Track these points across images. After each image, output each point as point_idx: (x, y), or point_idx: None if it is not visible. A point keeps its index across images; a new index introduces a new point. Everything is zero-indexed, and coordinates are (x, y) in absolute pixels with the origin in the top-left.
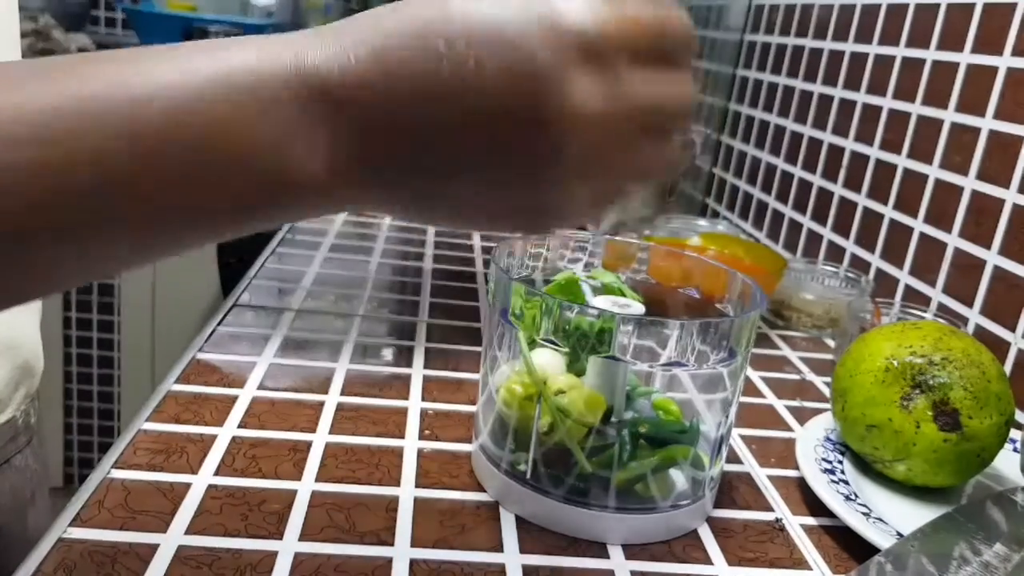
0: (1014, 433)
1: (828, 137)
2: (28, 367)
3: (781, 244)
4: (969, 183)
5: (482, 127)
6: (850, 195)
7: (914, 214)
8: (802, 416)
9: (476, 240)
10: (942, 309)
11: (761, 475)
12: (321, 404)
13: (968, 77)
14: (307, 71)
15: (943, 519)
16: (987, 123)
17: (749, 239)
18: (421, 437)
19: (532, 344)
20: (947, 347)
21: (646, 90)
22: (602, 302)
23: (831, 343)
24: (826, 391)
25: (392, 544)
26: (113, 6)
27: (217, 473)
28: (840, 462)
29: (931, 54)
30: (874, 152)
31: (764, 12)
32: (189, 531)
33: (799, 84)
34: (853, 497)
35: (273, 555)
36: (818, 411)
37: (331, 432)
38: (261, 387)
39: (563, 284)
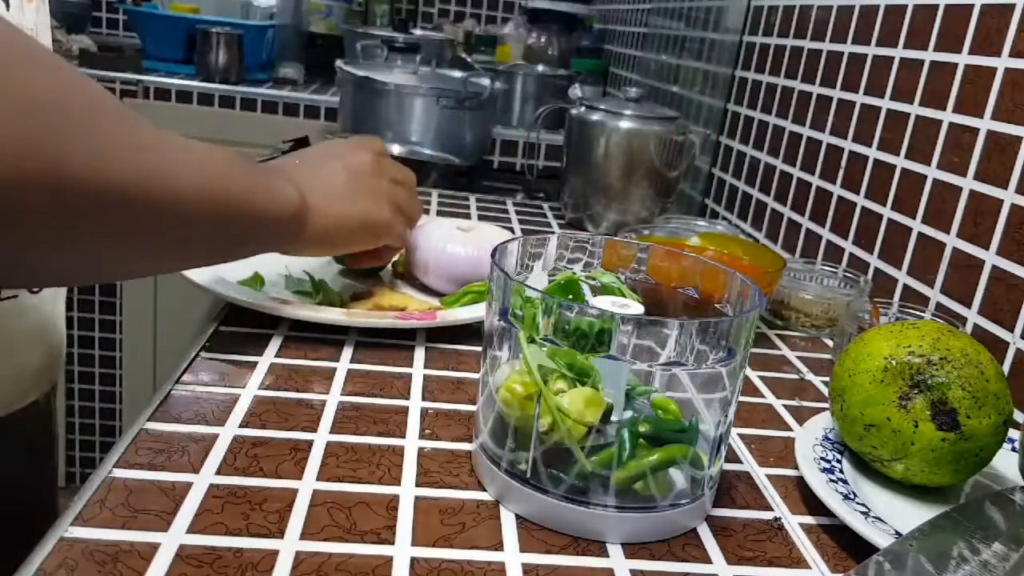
0: (1012, 432)
1: (827, 138)
2: (56, 353)
3: (780, 244)
4: (967, 183)
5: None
6: (849, 195)
7: (912, 214)
8: (801, 416)
9: None
10: (940, 309)
11: (760, 474)
12: (322, 403)
13: (966, 78)
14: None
15: (942, 518)
16: (985, 124)
17: (748, 239)
18: (421, 436)
19: (532, 344)
20: (945, 347)
21: (391, 185)
22: (602, 302)
23: (830, 343)
24: (825, 391)
25: (393, 543)
26: (115, 8)
27: (218, 472)
28: (839, 461)
29: (929, 55)
30: (872, 152)
31: (763, 13)
32: (190, 530)
33: (798, 85)
34: (852, 496)
35: (274, 554)
36: (817, 411)
37: (332, 431)
38: (262, 386)
39: (563, 284)
